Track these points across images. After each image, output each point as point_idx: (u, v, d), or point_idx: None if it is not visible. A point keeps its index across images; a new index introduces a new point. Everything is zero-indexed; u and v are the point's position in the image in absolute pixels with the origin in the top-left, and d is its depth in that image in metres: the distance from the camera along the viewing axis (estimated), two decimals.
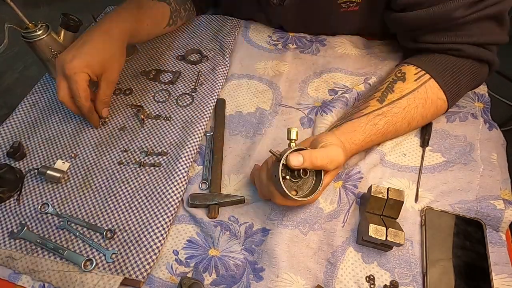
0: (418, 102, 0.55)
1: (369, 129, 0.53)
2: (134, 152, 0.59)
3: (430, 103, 0.56)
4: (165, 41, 0.79)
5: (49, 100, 0.67)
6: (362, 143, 0.53)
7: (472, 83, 0.59)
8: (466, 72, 0.57)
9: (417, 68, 0.58)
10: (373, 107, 0.55)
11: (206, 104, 0.65)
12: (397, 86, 0.57)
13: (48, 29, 0.57)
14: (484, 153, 0.56)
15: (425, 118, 0.57)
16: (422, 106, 0.55)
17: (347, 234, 0.50)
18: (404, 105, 0.55)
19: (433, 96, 0.56)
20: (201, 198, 0.53)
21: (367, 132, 0.53)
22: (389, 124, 0.54)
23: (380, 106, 0.55)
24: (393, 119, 0.54)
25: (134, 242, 0.49)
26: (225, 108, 0.66)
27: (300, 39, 0.77)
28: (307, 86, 0.69)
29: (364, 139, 0.53)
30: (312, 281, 0.46)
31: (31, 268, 0.47)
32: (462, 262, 0.46)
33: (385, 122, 0.54)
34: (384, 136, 0.55)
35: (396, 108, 0.55)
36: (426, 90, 0.56)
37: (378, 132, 0.54)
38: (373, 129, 0.54)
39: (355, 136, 0.53)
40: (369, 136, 0.53)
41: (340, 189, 0.53)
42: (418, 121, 0.57)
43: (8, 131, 0.62)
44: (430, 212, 0.50)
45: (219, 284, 0.46)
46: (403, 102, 0.55)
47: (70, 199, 0.54)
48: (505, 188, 0.52)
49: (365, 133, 0.53)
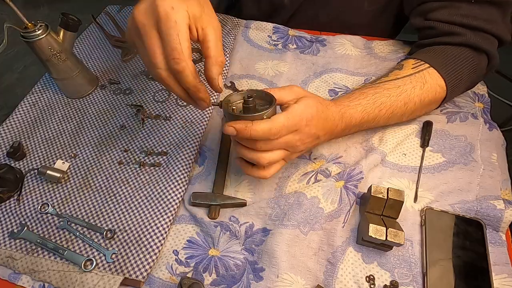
0: (415, 84, 0.55)
1: (364, 101, 0.54)
2: (134, 152, 0.59)
3: (429, 87, 0.56)
4: None
5: (49, 100, 0.67)
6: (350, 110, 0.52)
7: (471, 75, 0.59)
8: (466, 63, 0.57)
9: (416, 60, 0.59)
10: (365, 85, 0.57)
11: None
12: (393, 73, 0.58)
13: (48, 29, 0.57)
14: (485, 153, 0.56)
15: (423, 102, 0.56)
16: (420, 88, 0.55)
17: (347, 234, 0.50)
18: (398, 84, 0.55)
19: (431, 81, 0.56)
20: (203, 197, 0.53)
21: (363, 103, 0.53)
22: (380, 95, 0.54)
23: (371, 84, 0.57)
24: (384, 91, 0.55)
25: (134, 242, 0.49)
26: None
27: (300, 39, 0.77)
28: (307, 86, 0.69)
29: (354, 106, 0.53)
30: (312, 281, 0.46)
31: (31, 268, 0.47)
32: (462, 262, 0.46)
33: (374, 92, 0.54)
34: (378, 107, 0.54)
35: (388, 85, 0.56)
36: (424, 75, 0.56)
37: (369, 100, 0.54)
38: (361, 95, 0.54)
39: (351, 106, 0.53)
40: (358, 100, 0.53)
41: (342, 189, 0.53)
42: (416, 103, 0.56)
43: (8, 131, 0.62)
44: (430, 212, 0.50)
45: (219, 284, 0.46)
46: (397, 82, 0.56)
47: (70, 199, 0.54)
48: (505, 188, 0.52)
49: (353, 99, 0.53)
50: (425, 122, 0.60)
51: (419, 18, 0.64)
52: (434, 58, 0.58)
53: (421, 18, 0.63)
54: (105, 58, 0.75)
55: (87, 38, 0.80)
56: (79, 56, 0.74)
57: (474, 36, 0.56)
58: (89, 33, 0.81)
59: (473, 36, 0.56)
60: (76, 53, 0.74)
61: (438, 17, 0.59)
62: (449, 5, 0.58)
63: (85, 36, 0.81)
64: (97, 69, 0.73)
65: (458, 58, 0.57)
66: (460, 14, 0.57)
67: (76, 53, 0.73)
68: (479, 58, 0.58)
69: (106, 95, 0.68)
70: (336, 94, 0.67)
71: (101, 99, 0.67)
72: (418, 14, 0.64)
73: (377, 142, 0.58)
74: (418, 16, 0.64)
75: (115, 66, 0.74)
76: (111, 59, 0.75)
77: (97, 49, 0.77)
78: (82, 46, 0.78)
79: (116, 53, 0.76)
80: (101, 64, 0.74)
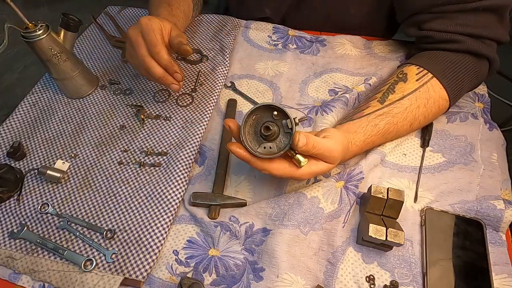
0: (420, 102, 0.55)
1: (370, 129, 0.53)
2: (134, 152, 0.59)
3: (432, 102, 0.56)
4: None
5: (49, 100, 0.67)
6: (362, 144, 0.53)
7: (473, 82, 0.59)
8: (467, 70, 0.57)
9: (419, 68, 0.58)
10: (374, 107, 0.55)
11: (206, 104, 0.65)
12: (399, 86, 0.57)
13: (48, 29, 0.57)
14: (485, 153, 0.56)
15: (427, 117, 0.57)
16: (424, 106, 0.55)
17: (347, 234, 0.50)
18: (406, 105, 0.55)
19: (435, 96, 0.56)
20: (203, 197, 0.53)
21: (368, 132, 0.53)
22: (390, 124, 0.54)
23: (381, 106, 0.55)
24: (394, 119, 0.54)
25: (134, 242, 0.49)
26: (236, 109, 0.66)
27: (300, 39, 0.77)
28: (307, 86, 0.69)
29: (365, 140, 0.53)
30: (312, 281, 0.46)
31: (31, 268, 0.47)
32: (462, 262, 0.46)
33: (386, 123, 0.54)
34: (385, 137, 0.55)
35: (397, 109, 0.54)
36: (428, 90, 0.56)
37: (379, 133, 0.54)
38: (373, 129, 0.53)
39: (356, 136, 0.52)
40: (370, 136, 0.53)
41: (342, 189, 0.53)
42: (421, 121, 0.57)
43: (8, 131, 0.62)
44: (430, 212, 0.50)
45: (219, 284, 0.46)
46: (405, 102, 0.55)
47: (70, 199, 0.54)
48: (505, 188, 0.52)
49: (366, 133, 0.53)
50: None
51: (412, 28, 0.63)
52: (435, 64, 0.57)
53: (414, 28, 0.63)
54: (105, 58, 0.76)
55: (87, 38, 0.80)
56: (79, 56, 0.74)
57: (473, 42, 0.56)
58: (89, 33, 0.81)
59: (472, 42, 0.56)
60: (76, 53, 0.75)
61: (432, 27, 0.59)
62: (443, 16, 0.58)
63: (85, 36, 0.81)
64: (97, 69, 0.73)
65: (459, 64, 0.57)
66: (455, 23, 0.57)
67: (76, 53, 0.73)
68: (480, 64, 0.58)
69: (106, 95, 0.68)
70: (336, 94, 0.67)
71: (101, 99, 0.67)
72: (411, 25, 0.64)
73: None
74: (411, 26, 0.64)
75: (115, 66, 0.74)
76: (111, 59, 0.75)
77: (97, 49, 0.77)
78: (82, 46, 0.78)
79: (116, 54, 0.76)
80: (101, 64, 0.74)
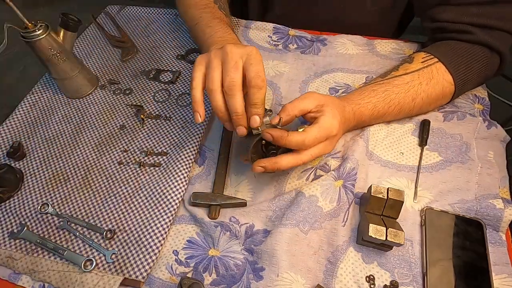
0: (422, 79, 0.57)
1: (368, 93, 0.56)
2: (134, 152, 0.59)
3: (436, 82, 0.57)
4: (165, 40, 0.79)
5: (49, 100, 0.67)
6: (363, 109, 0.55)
7: (482, 71, 0.59)
8: (477, 59, 0.58)
9: (426, 54, 0.60)
10: (375, 80, 0.59)
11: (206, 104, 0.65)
12: (403, 66, 0.59)
13: (48, 29, 0.57)
14: (481, 152, 0.56)
15: (430, 97, 0.58)
16: (427, 84, 0.57)
17: (347, 234, 0.50)
18: (407, 80, 0.57)
19: (438, 77, 0.57)
20: (203, 197, 0.53)
21: (366, 95, 0.56)
22: (390, 92, 0.56)
23: (382, 79, 0.58)
24: (394, 88, 0.56)
25: (134, 242, 0.49)
26: None
27: (300, 39, 0.77)
28: (307, 86, 0.69)
29: (365, 104, 0.55)
30: (312, 281, 0.46)
31: (31, 268, 0.47)
32: (462, 262, 0.46)
33: (385, 90, 0.56)
34: (387, 103, 0.56)
35: (397, 81, 0.57)
36: (432, 71, 0.57)
37: (378, 96, 0.56)
38: (371, 93, 0.56)
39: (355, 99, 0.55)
40: (369, 98, 0.56)
41: (340, 188, 0.53)
42: (423, 99, 0.57)
43: (8, 131, 0.62)
44: (430, 212, 0.50)
45: (219, 284, 0.46)
46: (406, 77, 0.57)
47: (70, 199, 0.54)
48: (503, 186, 0.52)
49: (365, 97, 0.56)
50: (423, 121, 0.60)
51: (429, 21, 0.64)
52: (444, 52, 0.59)
53: (430, 20, 0.63)
54: (105, 58, 0.75)
55: (87, 38, 0.80)
56: (79, 56, 0.74)
57: (484, 35, 0.56)
58: (89, 33, 0.81)
59: (484, 35, 0.56)
60: (76, 53, 0.74)
61: (447, 18, 0.60)
62: (459, 6, 0.58)
63: (85, 36, 0.81)
64: (97, 69, 0.73)
65: (469, 53, 0.57)
66: (471, 13, 0.57)
67: (76, 53, 0.73)
68: (491, 56, 0.58)
69: (106, 95, 0.68)
70: (337, 92, 0.67)
71: (101, 99, 0.67)
72: (428, 18, 0.64)
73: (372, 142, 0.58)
74: (428, 19, 0.64)
75: (115, 66, 0.74)
76: (111, 59, 0.75)
77: (97, 49, 0.77)
78: (82, 46, 0.78)
79: (116, 53, 0.76)
80: (101, 64, 0.74)
